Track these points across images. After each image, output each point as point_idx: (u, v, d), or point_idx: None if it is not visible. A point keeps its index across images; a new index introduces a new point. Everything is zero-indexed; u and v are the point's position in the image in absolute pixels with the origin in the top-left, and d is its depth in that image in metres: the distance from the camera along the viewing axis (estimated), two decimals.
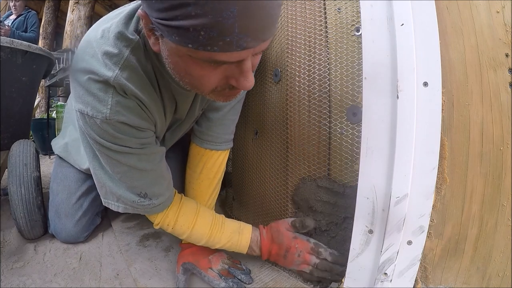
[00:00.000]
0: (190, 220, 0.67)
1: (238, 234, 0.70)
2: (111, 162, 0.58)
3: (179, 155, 0.88)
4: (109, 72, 0.49)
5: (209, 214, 0.71)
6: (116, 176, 0.59)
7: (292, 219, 0.70)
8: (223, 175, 0.81)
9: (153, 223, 0.68)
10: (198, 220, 0.68)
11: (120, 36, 0.50)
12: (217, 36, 0.34)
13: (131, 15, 0.52)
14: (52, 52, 1.27)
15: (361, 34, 0.53)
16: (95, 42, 0.51)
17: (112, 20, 0.52)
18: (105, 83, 0.50)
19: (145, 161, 0.59)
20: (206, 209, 0.72)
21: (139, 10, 0.41)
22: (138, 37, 0.51)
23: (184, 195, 0.81)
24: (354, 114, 0.59)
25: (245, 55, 0.38)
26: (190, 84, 0.45)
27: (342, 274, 0.61)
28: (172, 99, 0.62)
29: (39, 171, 0.91)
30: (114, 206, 0.64)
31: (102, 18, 0.56)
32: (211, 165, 0.76)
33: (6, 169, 0.92)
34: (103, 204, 0.65)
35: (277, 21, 0.39)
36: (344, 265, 0.59)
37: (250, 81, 0.42)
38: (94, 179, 0.64)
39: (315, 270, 0.65)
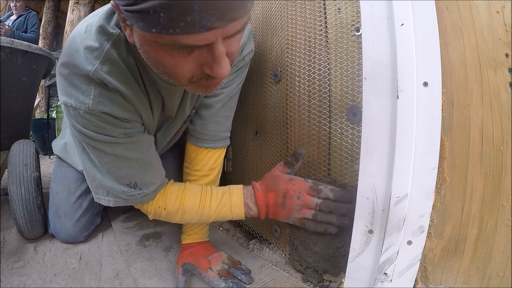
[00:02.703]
0: (179, 194, 0.65)
1: (229, 195, 0.66)
2: (97, 153, 0.57)
3: (177, 156, 0.88)
4: (89, 66, 0.50)
5: (197, 185, 0.69)
6: (104, 167, 0.59)
7: (284, 160, 0.67)
8: (221, 172, 0.81)
9: (147, 214, 0.67)
10: (186, 192, 0.66)
11: (101, 30, 0.50)
12: (177, 16, 0.32)
13: (113, 10, 0.52)
14: (52, 52, 1.27)
15: (361, 34, 0.53)
16: (79, 37, 0.51)
17: (97, 15, 0.53)
18: (86, 76, 0.51)
19: (132, 150, 0.59)
20: (192, 183, 0.70)
21: (111, 1, 0.40)
22: (119, 31, 0.51)
23: None
24: (354, 114, 0.59)
25: (212, 37, 0.36)
26: (166, 74, 0.44)
27: (348, 214, 0.57)
28: (158, 95, 0.62)
29: (39, 171, 0.91)
30: (104, 200, 0.63)
31: (89, 14, 0.56)
32: (205, 162, 0.76)
33: (6, 169, 0.92)
34: (95, 200, 0.64)
35: None
36: (348, 202, 0.54)
37: (224, 68, 0.39)
38: (84, 174, 0.63)
39: (318, 213, 0.61)
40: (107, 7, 0.53)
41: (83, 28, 0.52)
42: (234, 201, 0.65)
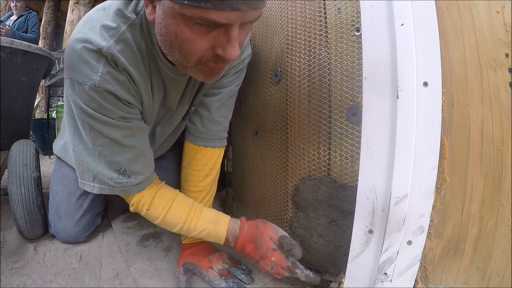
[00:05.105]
0: (166, 203, 0.66)
1: (214, 225, 0.67)
2: (93, 134, 0.58)
3: (177, 155, 0.88)
4: (104, 42, 0.52)
5: (187, 200, 0.69)
6: (97, 149, 0.60)
7: (284, 235, 0.66)
8: (219, 173, 0.81)
9: (129, 204, 0.68)
10: (174, 204, 0.66)
11: (119, 13, 0.54)
12: None
13: None
14: (52, 52, 1.27)
15: (361, 34, 0.53)
16: (95, 17, 0.54)
17: (113, 1, 0.56)
18: (98, 52, 0.53)
19: (128, 137, 0.60)
20: (184, 196, 0.70)
21: None
22: (136, 17, 0.54)
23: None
24: (354, 114, 0.59)
25: (234, 17, 0.40)
26: (178, 50, 0.47)
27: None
28: (161, 84, 0.64)
29: (39, 171, 0.91)
30: (89, 187, 0.64)
31: (103, 2, 0.58)
32: (206, 161, 0.77)
33: (6, 169, 0.92)
34: (79, 186, 0.65)
35: None
36: (317, 284, 0.61)
37: (235, 51, 0.43)
38: (73, 157, 0.64)
39: (285, 279, 0.65)
40: None
41: (99, 10, 0.55)
42: (217, 232, 0.67)
